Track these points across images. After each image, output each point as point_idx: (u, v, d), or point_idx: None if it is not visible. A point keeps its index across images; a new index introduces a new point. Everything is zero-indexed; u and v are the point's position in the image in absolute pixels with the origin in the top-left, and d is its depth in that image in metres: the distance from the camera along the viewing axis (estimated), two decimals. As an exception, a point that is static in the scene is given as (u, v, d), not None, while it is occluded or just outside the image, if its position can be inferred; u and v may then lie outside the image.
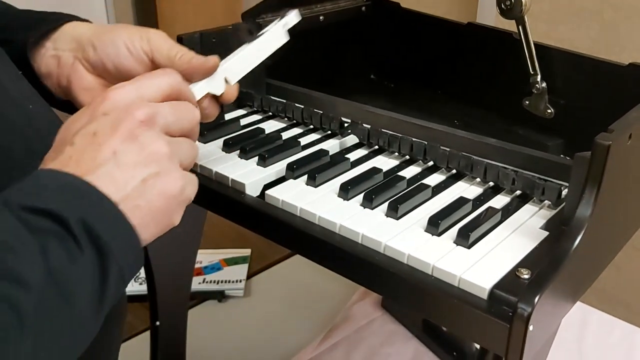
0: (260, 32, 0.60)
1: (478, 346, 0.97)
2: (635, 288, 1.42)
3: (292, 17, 0.60)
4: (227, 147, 0.69)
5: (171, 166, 0.42)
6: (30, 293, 0.32)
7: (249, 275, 1.32)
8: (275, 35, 0.59)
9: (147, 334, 0.93)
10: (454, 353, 0.98)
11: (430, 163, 0.66)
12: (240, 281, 1.28)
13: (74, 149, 0.40)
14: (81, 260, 0.35)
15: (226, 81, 0.55)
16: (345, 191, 0.60)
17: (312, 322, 1.15)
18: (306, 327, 1.14)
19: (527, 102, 0.77)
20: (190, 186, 0.44)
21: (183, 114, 0.45)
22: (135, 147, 0.40)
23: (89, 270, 0.36)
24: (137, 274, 0.48)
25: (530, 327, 0.44)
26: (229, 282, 1.27)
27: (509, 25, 0.76)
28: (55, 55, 0.57)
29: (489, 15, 1.41)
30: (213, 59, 0.54)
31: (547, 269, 0.46)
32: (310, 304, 1.21)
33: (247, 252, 1.36)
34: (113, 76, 0.56)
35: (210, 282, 1.27)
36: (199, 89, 0.53)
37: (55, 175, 0.38)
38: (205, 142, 0.71)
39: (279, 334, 1.15)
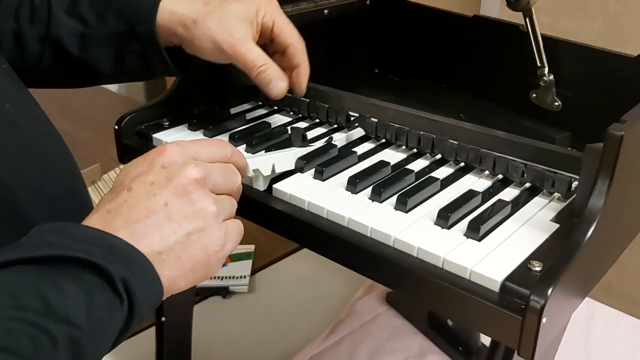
0: (310, 144, 0.66)
1: (484, 341, 0.97)
2: (640, 282, 1.42)
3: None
4: (233, 141, 0.69)
5: (215, 224, 0.45)
6: (83, 333, 0.37)
7: (253, 271, 1.31)
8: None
9: (153, 329, 0.92)
10: (460, 348, 0.98)
11: (438, 156, 0.66)
12: (245, 277, 1.27)
13: (130, 194, 0.43)
14: (117, 313, 0.39)
15: (273, 168, 0.60)
16: (354, 184, 0.59)
17: (317, 318, 1.15)
18: (311, 323, 1.13)
19: (534, 95, 0.76)
20: (231, 243, 0.47)
21: (230, 177, 0.49)
22: (186, 202, 0.44)
23: (120, 320, 0.40)
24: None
25: (544, 320, 0.43)
26: (233, 278, 1.26)
27: (514, 18, 0.75)
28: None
29: (492, 7, 1.40)
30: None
31: (560, 261, 0.46)
32: (315, 300, 1.21)
33: (251, 248, 1.36)
34: None
35: (215, 278, 1.27)
36: (249, 164, 0.57)
37: (106, 236, 0.40)
38: (211, 136, 0.70)
39: (284, 329, 1.15)
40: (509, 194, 0.59)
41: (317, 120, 0.74)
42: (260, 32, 0.65)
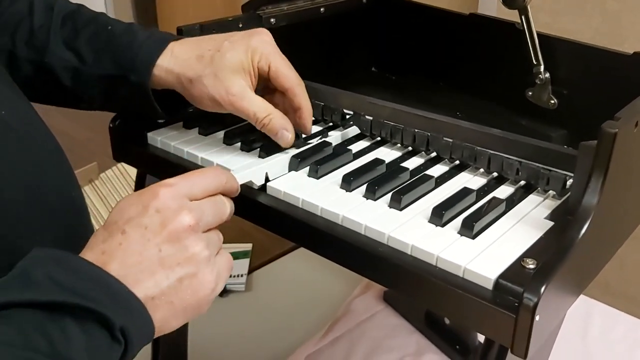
0: (307, 142, 0.67)
1: (481, 339, 0.97)
2: (638, 281, 1.41)
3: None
4: (229, 139, 0.68)
5: (207, 269, 0.46)
6: None
7: (250, 270, 1.31)
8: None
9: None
10: (457, 346, 0.98)
11: (433, 154, 0.66)
12: (242, 276, 1.28)
13: (124, 238, 0.44)
14: (114, 354, 0.41)
15: (267, 177, 0.61)
16: (348, 182, 0.59)
17: (314, 317, 1.15)
18: (308, 322, 1.14)
19: (530, 93, 0.76)
20: (221, 283, 0.48)
21: (221, 211, 0.50)
22: (179, 248, 0.45)
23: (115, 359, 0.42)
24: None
25: (537, 318, 0.43)
26: (230, 276, 1.26)
27: (511, 16, 0.75)
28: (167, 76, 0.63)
29: (490, 5, 1.40)
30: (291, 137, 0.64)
31: (553, 259, 0.46)
32: (312, 298, 1.21)
33: (248, 246, 1.36)
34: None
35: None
36: (242, 176, 0.58)
37: (108, 278, 0.42)
38: (206, 135, 0.70)
39: (281, 328, 1.15)
40: (504, 191, 0.59)
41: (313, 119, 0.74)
42: (257, 76, 0.64)
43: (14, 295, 0.39)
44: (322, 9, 0.86)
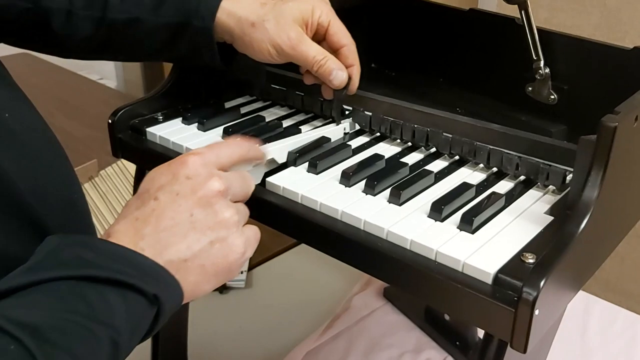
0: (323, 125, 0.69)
1: (481, 335, 0.97)
2: (638, 277, 1.41)
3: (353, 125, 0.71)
4: (228, 134, 0.68)
5: (236, 233, 0.48)
6: (121, 336, 0.41)
7: (250, 267, 1.31)
8: (334, 133, 0.69)
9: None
10: (457, 342, 0.98)
11: (433, 149, 0.66)
12: (242, 273, 1.28)
13: (157, 204, 0.46)
14: (147, 320, 0.43)
15: (288, 155, 0.63)
16: (347, 178, 0.59)
17: (314, 313, 1.15)
18: (308, 318, 1.13)
19: (530, 89, 0.76)
20: (250, 249, 0.49)
21: (247, 184, 0.52)
22: (210, 212, 0.46)
23: (148, 323, 0.44)
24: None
25: (536, 312, 0.43)
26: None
27: (512, 12, 0.75)
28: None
29: (490, 1, 1.39)
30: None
31: (553, 253, 0.46)
32: (312, 295, 1.21)
33: (248, 243, 1.36)
34: None
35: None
36: (269, 152, 0.60)
37: (136, 256, 0.43)
38: (205, 130, 0.70)
39: (281, 325, 1.15)
40: (504, 186, 0.59)
41: (312, 114, 0.74)
42: (315, 31, 0.67)
43: (46, 274, 0.40)
44: (321, 5, 0.86)
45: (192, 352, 1.00)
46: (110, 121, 0.71)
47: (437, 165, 0.63)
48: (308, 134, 0.66)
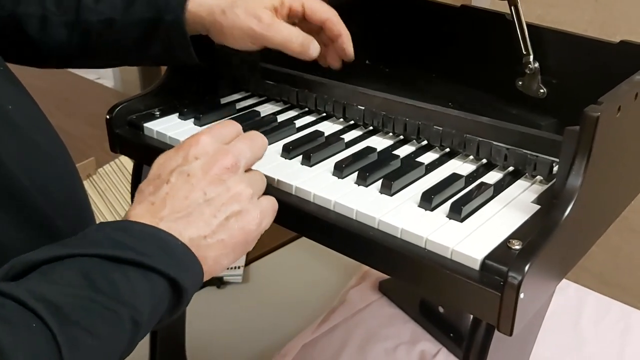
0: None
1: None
2: (632, 270, 1.43)
3: None
4: (223, 129, 0.70)
5: (250, 205, 0.49)
6: (143, 317, 0.42)
7: (248, 262, 1.32)
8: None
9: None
10: (451, 334, 0.99)
11: (424, 142, 0.67)
12: (239, 267, 1.29)
13: (170, 187, 0.47)
14: (168, 302, 0.44)
15: (282, 147, 0.64)
16: (340, 169, 0.60)
17: (311, 307, 1.16)
18: (305, 312, 1.15)
19: (520, 83, 0.77)
20: (267, 220, 0.51)
21: (257, 146, 0.53)
22: (222, 189, 0.48)
23: (169, 306, 0.45)
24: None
25: (521, 295, 0.45)
26: (228, 268, 1.28)
27: (504, 8, 0.76)
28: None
29: (483, -1, 1.41)
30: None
31: (538, 239, 0.47)
32: (309, 289, 1.22)
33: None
34: None
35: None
36: None
37: (164, 236, 0.45)
38: (201, 125, 0.71)
39: (278, 318, 1.16)
40: (493, 177, 0.61)
41: (307, 109, 0.75)
42: (288, 17, 0.67)
43: (75, 249, 0.41)
44: (315, 2, 0.87)
45: (190, 346, 1.01)
46: (108, 117, 0.72)
47: (428, 157, 0.64)
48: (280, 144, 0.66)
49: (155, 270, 0.42)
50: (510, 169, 0.62)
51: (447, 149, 0.65)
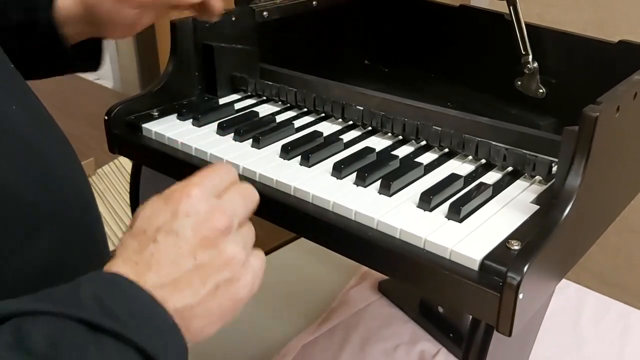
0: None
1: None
2: (632, 270, 1.43)
3: None
4: (222, 129, 0.70)
5: (243, 270, 0.44)
6: None
7: (248, 263, 1.32)
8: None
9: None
10: (450, 334, 0.99)
11: (423, 142, 0.67)
12: (239, 269, 1.29)
13: (156, 247, 0.42)
14: None
15: (281, 148, 0.64)
16: (338, 170, 0.60)
17: (310, 307, 1.16)
18: (304, 312, 1.15)
19: (519, 83, 0.78)
20: (257, 282, 0.45)
21: (250, 197, 0.48)
22: (214, 253, 0.43)
23: None
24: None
25: (520, 296, 0.44)
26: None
27: (503, 8, 0.76)
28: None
29: (482, -1, 1.41)
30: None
31: (537, 239, 0.47)
32: (308, 290, 1.22)
33: (245, 240, 1.37)
34: None
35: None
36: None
37: (156, 308, 0.40)
38: (199, 126, 0.71)
39: (277, 318, 1.16)
40: (491, 177, 0.61)
41: (305, 110, 0.75)
42: None
43: (56, 307, 0.38)
44: (314, 3, 0.87)
45: (189, 346, 1.01)
46: (106, 117, 0.72)
47: (427, 158, 0.64)
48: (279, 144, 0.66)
49: (134, 345, 0.38)
50: (509, 169, 0.62)
51: (446, 149, 0.65)
